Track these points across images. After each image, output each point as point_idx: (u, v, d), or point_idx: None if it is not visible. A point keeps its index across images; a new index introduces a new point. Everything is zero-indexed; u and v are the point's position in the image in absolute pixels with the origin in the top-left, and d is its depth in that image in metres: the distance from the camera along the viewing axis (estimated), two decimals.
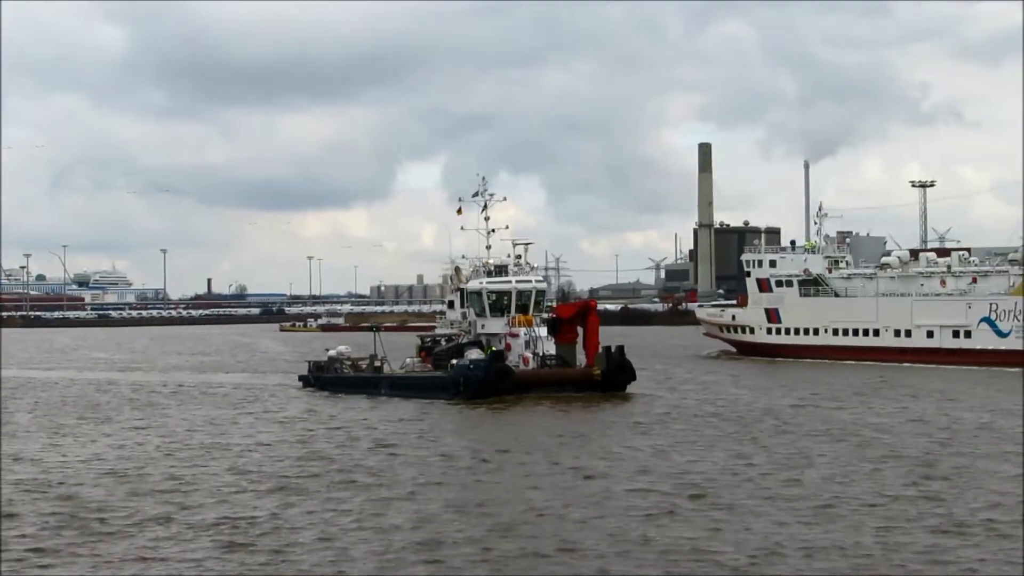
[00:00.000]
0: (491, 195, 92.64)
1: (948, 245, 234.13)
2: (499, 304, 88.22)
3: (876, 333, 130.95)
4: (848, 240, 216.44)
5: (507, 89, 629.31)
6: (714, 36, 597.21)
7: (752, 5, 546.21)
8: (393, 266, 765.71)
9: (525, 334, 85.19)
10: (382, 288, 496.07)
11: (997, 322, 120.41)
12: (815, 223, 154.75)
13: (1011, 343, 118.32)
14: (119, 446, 59.00)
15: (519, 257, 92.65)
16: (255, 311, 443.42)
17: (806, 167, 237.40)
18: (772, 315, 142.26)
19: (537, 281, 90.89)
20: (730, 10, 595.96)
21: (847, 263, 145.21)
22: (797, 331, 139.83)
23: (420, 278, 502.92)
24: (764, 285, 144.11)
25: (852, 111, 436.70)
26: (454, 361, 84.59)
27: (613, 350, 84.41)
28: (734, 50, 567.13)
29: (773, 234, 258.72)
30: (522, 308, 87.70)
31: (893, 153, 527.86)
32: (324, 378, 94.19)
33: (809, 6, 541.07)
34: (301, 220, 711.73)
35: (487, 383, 79.71)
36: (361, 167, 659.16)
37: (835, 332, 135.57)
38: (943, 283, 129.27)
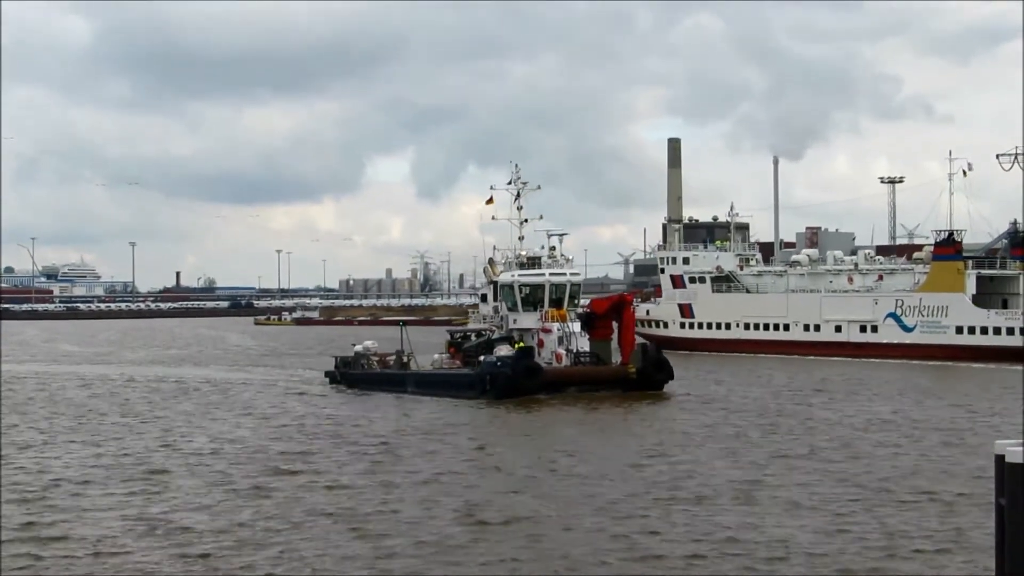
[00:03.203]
0: (524, 184, 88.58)
1: (917, 241, 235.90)
2: (532, 298, 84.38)
3: (786, 328, 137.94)
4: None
5: (474, 82, 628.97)
6: (683, 29, 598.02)
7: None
8: (361, 259, 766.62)
9: (558, 330, 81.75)
10: (351, 282, 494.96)
11: (903, 317, 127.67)
12: (728, 218, 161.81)
13: (916, 337, 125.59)
14: (164, 444, 58.02)
15: (553, 249, 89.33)
16: (224, 304, 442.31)
17: (775, 162, 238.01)
18: (685, 310, 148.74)
19: (572, 274, 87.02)
20: (698, 2, 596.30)
21: (757, 260, 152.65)
22: (710, 325, 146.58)
23: (389, 272, 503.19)
24: (678, 281, 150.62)
25: (822, 105, 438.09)
26: (482, 358, 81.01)
27: (650, 347, 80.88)
28: (703, 43, 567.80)
29: (742, 229, 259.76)
30: (556, 302, 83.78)
31: (863, 147, 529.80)
32: (351, 374, 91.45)
33: None
34: (269, 213, 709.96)
35: (515, 381, 75.85)
36: (329, 160, 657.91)
37: (747, 327, 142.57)
38: (850, 280, 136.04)
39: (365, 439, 59.04)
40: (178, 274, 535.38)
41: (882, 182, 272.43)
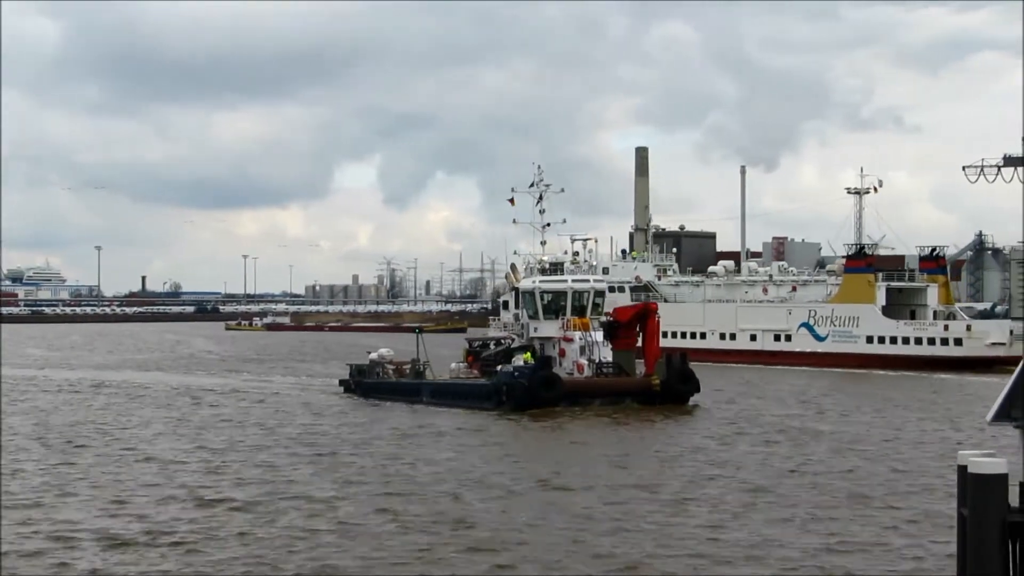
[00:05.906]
0: (547, 186, 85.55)
1: (882, 252, 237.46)
2: (554, 305, 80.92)
3: (703, 336, 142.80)
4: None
5: (444, 89, 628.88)
6: (655, 38, 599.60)
7: (695, 5, 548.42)
8: (328, 265, 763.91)
9: (580, 339, 78.47)
10: (317, 288, 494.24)
11: (815, 327, 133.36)
12: (646, 228, 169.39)
13: (828, 346, 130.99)
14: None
15: (576, 255, 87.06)
16: (189, 309, 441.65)
17: (743, 172, 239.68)
18: None
19: (596, 281, 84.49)
20: (671, 10, 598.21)
21: (674, 271, 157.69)
22: None
23: (355, 278, 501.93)
24: None
25: (792, 115, 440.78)
26: (499, 367, 78.10)
27: (675, 357, 77.45)
28: (674, 52, 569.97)
29: (708, 239, 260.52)
30: (578, 310, 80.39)
31: (832, 157, 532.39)
32: (365, 383, 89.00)
33: (751, 7, 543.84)
34: (236, 219, 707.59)
35: (532, 392, 72.66)
36: (297, 166, 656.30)
37: (664, 335, 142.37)
38: (765, 291, 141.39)
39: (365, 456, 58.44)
40: (144, 279, 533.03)
41: (848, 192, 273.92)
